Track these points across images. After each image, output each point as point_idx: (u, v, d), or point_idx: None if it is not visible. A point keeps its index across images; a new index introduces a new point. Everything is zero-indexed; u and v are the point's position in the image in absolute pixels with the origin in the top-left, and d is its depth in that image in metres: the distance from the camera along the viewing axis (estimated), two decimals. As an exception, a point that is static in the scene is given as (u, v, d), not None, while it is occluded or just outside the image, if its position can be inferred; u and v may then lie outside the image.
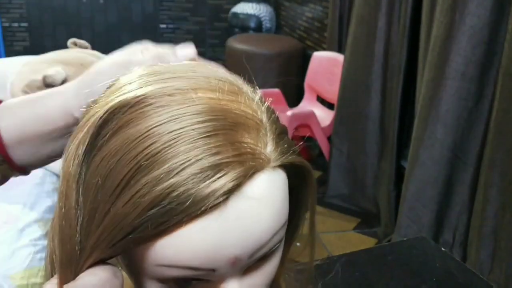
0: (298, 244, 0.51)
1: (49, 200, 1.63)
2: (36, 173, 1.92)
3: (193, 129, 0.36)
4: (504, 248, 1.72)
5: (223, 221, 0.36)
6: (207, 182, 0.35)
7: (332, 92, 2.82)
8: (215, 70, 0.44)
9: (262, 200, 0.38)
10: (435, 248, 1.12)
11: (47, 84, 1.92)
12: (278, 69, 3.23)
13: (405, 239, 1.73)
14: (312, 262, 0.52)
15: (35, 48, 4.08)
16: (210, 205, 0.35)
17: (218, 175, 0.35)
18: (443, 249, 1.11)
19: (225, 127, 0.37)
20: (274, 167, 0.39)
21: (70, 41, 2.27)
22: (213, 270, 0.38)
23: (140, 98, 0.38)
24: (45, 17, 4.19)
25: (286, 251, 0.50)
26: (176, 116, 0.37)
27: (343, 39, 2.83)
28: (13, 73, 1.97)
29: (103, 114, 0.38)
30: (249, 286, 0.42)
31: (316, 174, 2.90)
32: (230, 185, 0.35)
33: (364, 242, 2.38)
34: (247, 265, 0.40)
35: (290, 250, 0.51)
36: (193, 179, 0.35)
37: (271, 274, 0.44)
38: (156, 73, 0.42)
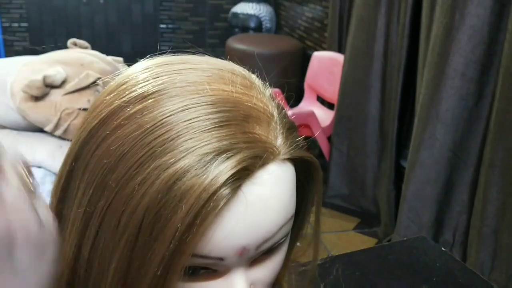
0: (298, 244, 0.51)
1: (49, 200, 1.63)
2: (36, 173, 1.92)
3: (206, 119, 0.37)
4: (505, 248, 1.72)
5: (234, 209, 0.36)
6: (218, 161, 0.35)
7: (332, 92, 2.82)
8: (228, 64, 0.45)
9: (272, 190, 0.38)
10: (435, 248, 1.12)
11: (47, 84, 1.92)
12: (278, 69, 3.23)
13: (405, 239, 1.73)
14: (316, 260, 0.53)
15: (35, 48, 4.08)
16: (222, 191, 0.35)
17: (228, 154, 0.36)
18: (443, 249, 1.11)
19: (237, 118, 0.38)
20: (284, 159, 0.40)
21: (70, 41, 2.27)
22: (221, 259, 0.38)
23: (155, 87, 0.39)
24: (45, 17, 4.19)
25: (290, 251, 0.51)
26: (190, 106, 0.38)
27: (343, 39, 2.82)
28: (13, 73, 1.97)
29: (117, 103, 0.39)
30: (255, 279, 0.42)
31: (321, 175, 2.89)
32: (239, 166, 0.35)
33: (364, 242, 2.38)
34: (254, 257, 0.41)
35: (293, 249, 0.51)
36: (203, 158, 0.35)
37: (276, 269, 0.44)
38: (170, 64, 0.42)
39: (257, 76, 0.46)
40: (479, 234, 1.81)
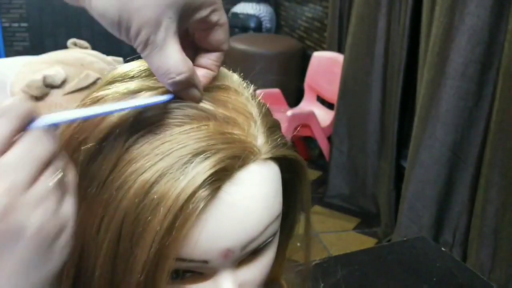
0: (298, 244, 0.51)
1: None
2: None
3: (183, 122, 0.37)
4: (505, 248, 1.72)
5: (215, 211, 0.36)
6: (195, 162, 0.35)
7: (332, 92, 2.82)
8: None
9: (254, 191, 0.38)
10: (435, 248, 1.12)
11: (47, 84, 1.92)
12: (278, 69, 3.23)
13: (405, 239, 1.73)
14: (309, 258, 0.52)
15: (35, 48, 4.08)
16: (201, 192, 0.34)
17: (206, 154, 0.35)
18: (443, 249, 1.12)
19: (214, 119, 0.38)
20: (266, 159, 0.39)
21: (70, 41, 2.27)
22: (206, 262, 0.38)
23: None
24: (45, 17, 4.19)
25: (284, 249, 0.50)
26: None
27: (343, 39, 2.82)
28: (13, 73, 1.97)
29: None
30: (243, 280, 0.41)
31: (316, 174, 2.90)
32: (218, 167, 0.35)
33: (364, 242, 2.38)
34: (240, 258, 0.40)
35: (288, 248, 0.51)
36: (180, 160, 0.35)
37: (265, 269, 0.44)
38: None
39: (240, 75, 0.45)
40: (479, 234, 1.81)
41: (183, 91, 0.37)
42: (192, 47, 0.40)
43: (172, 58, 0.35)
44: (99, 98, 0.40)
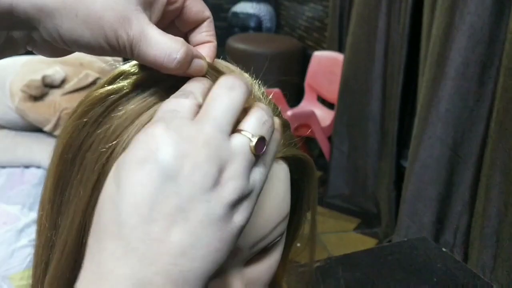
0: (298, 244, 0.51)
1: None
2: (35, 173, 1.91)
3: None
4: (506, 248, 1.72)
5: None
6: None
7: (332, 92, 2.82)
8: (222, 63, 0.45)
9: (266, 189, 0.38)
10: (436, 248, 1.11)
11: (46, 84, 1.92)
12: (278, 69, 3.23)
13: (405, 239, 1.73)
14: (313, 259, 0.52)
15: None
16: None
17: None
18: (444, 249, 1.11)
19: None
20: (277, 158, 0.39)
21: (70, 41, 2.26)
22: None
23: (145, 98, 0.38)
24: (44, 17, 4.19)
25: (288, 251, 0.50)
26: None
27: (343, 39, 2.82)
28: (12, 73, 1.97)
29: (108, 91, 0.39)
30: (250, 278, 0.41)
31: (317, 174, 2.89)
32: None
33: (364, 242, 2.37)
34: (249, 257, 0.40)
35: (291, 250, 0.51)
36: None
37: (272, 269, 0.44)
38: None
39: (252, 75, 0.45)
40: (480, 234, 1.80)
41: (189, 68, 0.36)
42: (179, 34, 0.40)
43: (162, 41, 0.34)
44: (104, 95, 0.39)
